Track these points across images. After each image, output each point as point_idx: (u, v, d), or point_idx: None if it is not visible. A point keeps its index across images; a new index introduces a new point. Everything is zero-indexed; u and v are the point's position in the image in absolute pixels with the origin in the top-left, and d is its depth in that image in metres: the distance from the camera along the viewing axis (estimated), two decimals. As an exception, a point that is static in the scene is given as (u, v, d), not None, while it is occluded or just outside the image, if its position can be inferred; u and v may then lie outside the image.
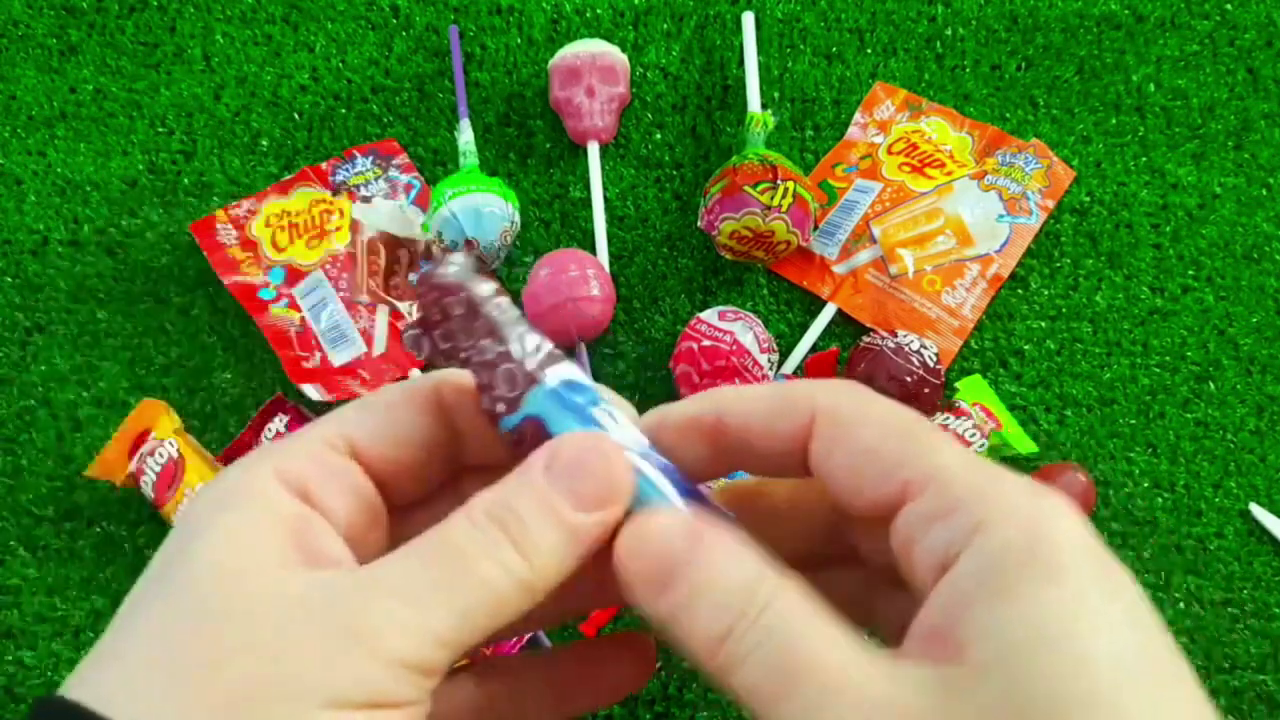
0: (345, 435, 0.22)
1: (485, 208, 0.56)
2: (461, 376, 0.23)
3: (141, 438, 0.52)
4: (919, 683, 0.17)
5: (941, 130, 0.63)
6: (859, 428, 0.20)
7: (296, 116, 0.65)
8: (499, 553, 0.19)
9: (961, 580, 0.18)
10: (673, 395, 0.56)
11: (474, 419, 0.23)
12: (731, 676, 0.18)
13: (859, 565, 0.23)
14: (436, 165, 0.64)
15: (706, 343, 0.52)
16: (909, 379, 0.51)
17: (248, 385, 0.57)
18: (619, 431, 0.21)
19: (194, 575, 0.18)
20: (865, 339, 0.54)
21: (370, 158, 0.63)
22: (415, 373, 0.57)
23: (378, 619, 0.18)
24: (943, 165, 0.61)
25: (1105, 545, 0.18)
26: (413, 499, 0.23)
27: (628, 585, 0.20)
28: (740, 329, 0.53)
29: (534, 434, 0.21)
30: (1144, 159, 0.62)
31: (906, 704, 0.17)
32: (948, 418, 0.52)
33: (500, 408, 0.21)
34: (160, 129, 0.65)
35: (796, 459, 0.21)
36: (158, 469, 0.51)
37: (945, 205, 0.59)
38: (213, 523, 0.19)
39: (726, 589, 0.19)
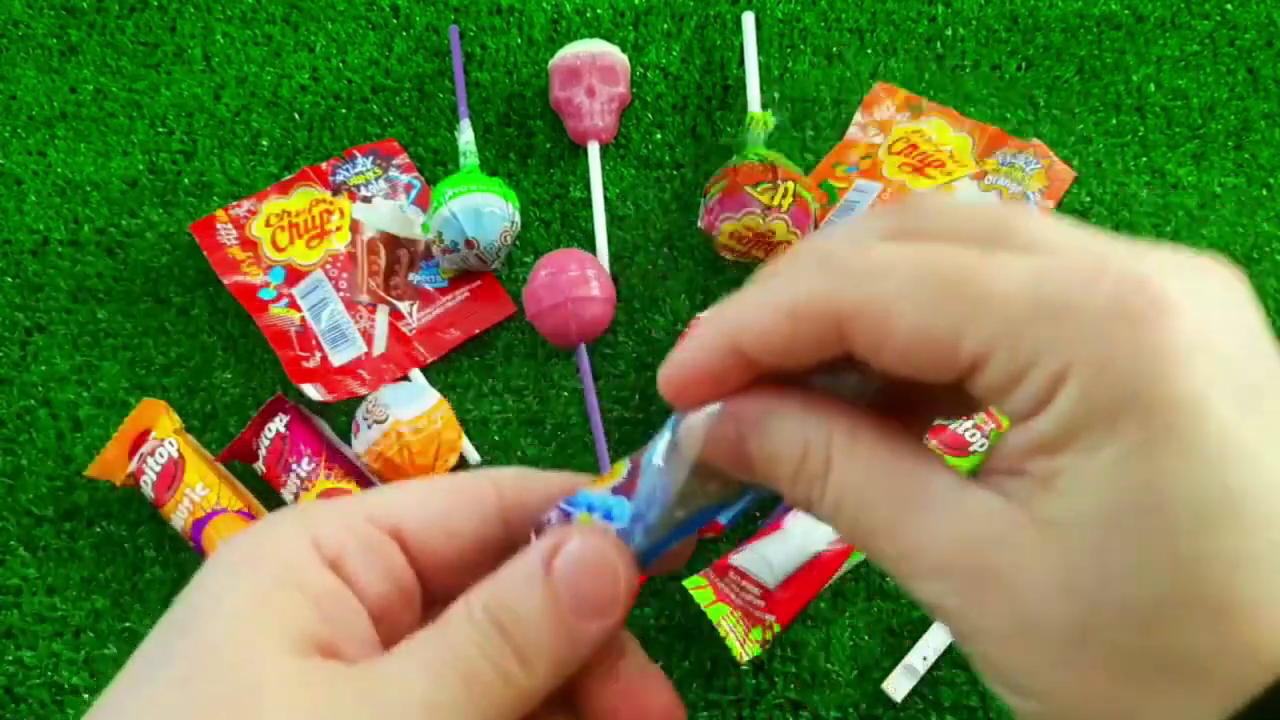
0: (392, 517, 0.21)
1: (485, 208, 0.56)
2: (523, 475, 0.22)
3: (141, 438, 0.52)
4: (1019, 491, 0.16)
5: (942, 130, 0.63)
6: (895, 319, 0.17)
7: (296, 116, 0.65)
8: (500, 659, 0.19)
9: (1048, 427, 0.16)
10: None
11: (527, 524, 0.22)
12: (819, 508, 0.18)
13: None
14: (436, 165, 0.64)
15: (706, 343, 0.52)
16: None
17: (248, 385, 0.57)
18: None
19: (201, 652, 0.18)
20: None
21: (370, 158, 0.63)
22: (416, 373, 0.57)
23: None
24: (943, 165, 0.61)
25: (1261, 343, 0.16)
26: (451, 586, 0.22)
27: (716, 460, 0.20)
28: (740, 329, 0.53)
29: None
30: (1144, 159, 0.62)
31: (1013, 514, 0.16)
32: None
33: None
34: (160, 129, 0.65)
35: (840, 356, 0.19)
36: (158, 469, 0.51)
37: (945, 205, 0.59)
38: (233, 585, 0.18)
39: (803, 437, 0.18)
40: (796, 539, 0.49)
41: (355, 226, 0.61)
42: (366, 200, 0.61)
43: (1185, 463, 0.14)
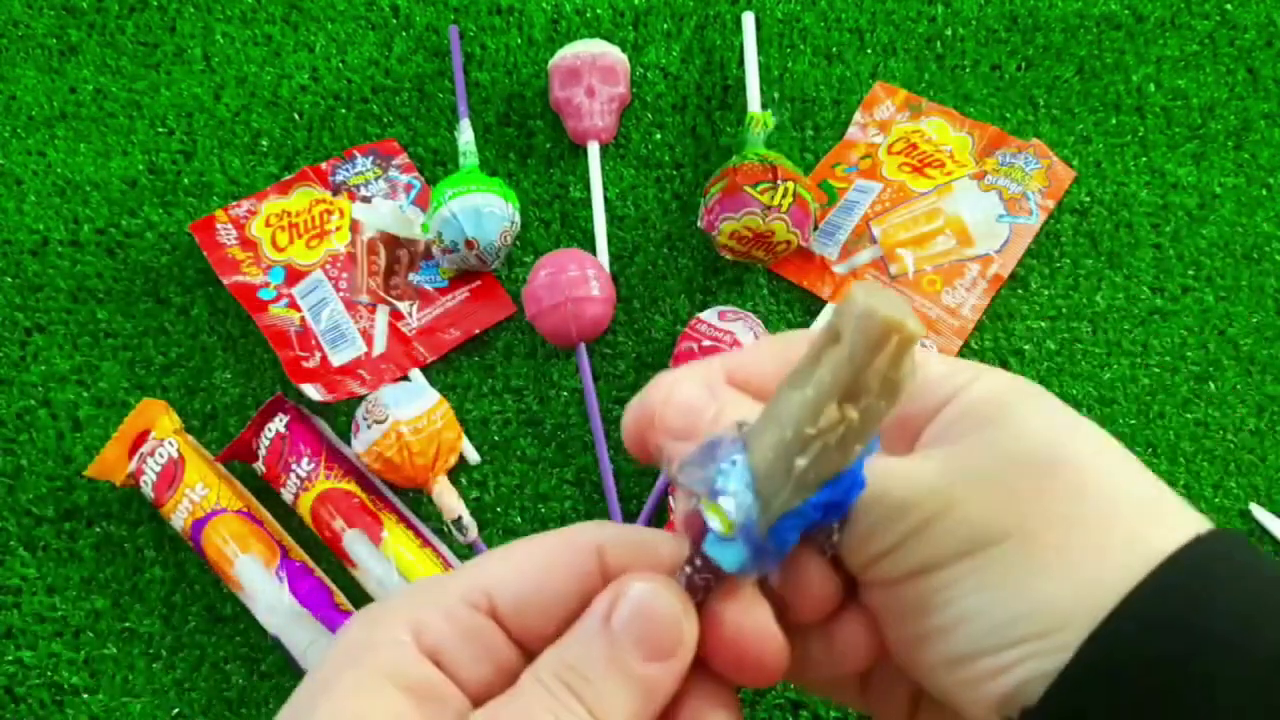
0: (488, 593, 0.21)
1: (485, 208, 0.56)
2: (631, 543, 0.22)
3: (141, 438, 0.52)
4: (937, 457, 0.21)
5: (941, 130, 0.63)
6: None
7: (296, 116, 0.65)
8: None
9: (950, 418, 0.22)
10: (673, 395, 0.56)
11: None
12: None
13: None
14: (436, 165, 0.64)
15: (706, 343, 0.52)
16: None
17: (248, 385, 0.57)
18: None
19: None
20: None
21: (370, 158, 0.63)
22: (416, 373, 0.57)
23: None
24: (943, 165, 0.61)
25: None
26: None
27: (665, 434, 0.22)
28: (740, 329, 0.53)
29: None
30: (1144, 159, 0.62)
31: (930, 468, 0.21)
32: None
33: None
34: (160, 129, 0.65)
35: None
36: (158, 469, 0.51)
37: (945, 205, 0.59)
38: (337, 681, 0.19)
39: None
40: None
41: (355, 226, 0.61)
42: (366, 200, 0.61)
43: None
